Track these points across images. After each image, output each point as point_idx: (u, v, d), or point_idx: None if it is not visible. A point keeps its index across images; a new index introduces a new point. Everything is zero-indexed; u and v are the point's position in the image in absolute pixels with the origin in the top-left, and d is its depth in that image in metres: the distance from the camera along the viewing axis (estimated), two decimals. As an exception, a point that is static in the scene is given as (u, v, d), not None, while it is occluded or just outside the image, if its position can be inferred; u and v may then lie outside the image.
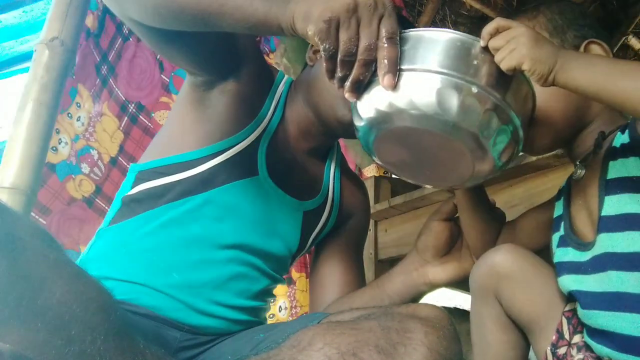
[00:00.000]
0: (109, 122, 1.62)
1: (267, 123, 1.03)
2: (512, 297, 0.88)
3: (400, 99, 0.68)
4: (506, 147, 0.72)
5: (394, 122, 0.71)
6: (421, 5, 2.44)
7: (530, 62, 0.67)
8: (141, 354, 0.67)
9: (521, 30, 0.69)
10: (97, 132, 1.58)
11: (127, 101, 1.68)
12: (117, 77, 1.65)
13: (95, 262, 0.96)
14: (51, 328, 0.59)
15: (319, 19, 0.65)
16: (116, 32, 1.65)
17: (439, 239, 1.08)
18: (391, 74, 0.67)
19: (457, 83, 0.67)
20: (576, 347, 0.84)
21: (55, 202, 1.47)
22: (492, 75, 0.69)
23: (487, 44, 0.69)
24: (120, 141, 1.65)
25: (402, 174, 0.85)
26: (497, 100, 0.69)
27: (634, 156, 0.74)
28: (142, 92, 1.72)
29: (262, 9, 0.70)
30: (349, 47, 0.66)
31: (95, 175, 1.57)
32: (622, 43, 2.41)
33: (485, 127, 0.69)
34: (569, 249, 0.83)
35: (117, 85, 1.65)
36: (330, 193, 1.14)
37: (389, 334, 0.71)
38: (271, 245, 1.03)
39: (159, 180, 0.97)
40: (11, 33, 1.84)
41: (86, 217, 1.52)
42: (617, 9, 2.36)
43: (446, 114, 0.67)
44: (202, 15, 0.75)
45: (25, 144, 1.13)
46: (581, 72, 0.67)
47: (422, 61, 0.68)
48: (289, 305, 2.00)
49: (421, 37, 0.70)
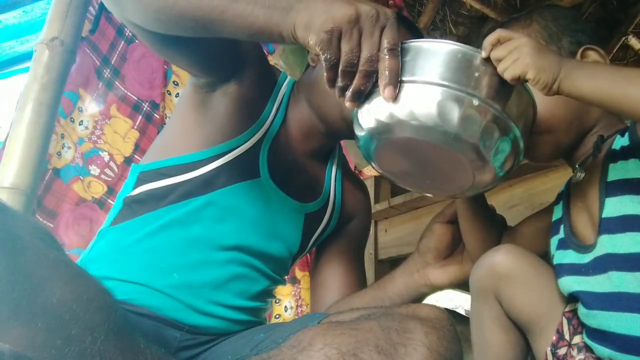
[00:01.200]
0: (120, 124, 1.65)
1: (269, 125, 1.03)
2: (512, 298, 0.88)
3: (400, 110, 0.68)
4: (507, 158, 0.72)
5: (394, 132, 0.71)
6: (421, 5, 2.43)
7: (535, 71, 0.67)
8: (141, 353, 0.67)
9: (524, 41, 0.69)
10: (107, 134, 1.60)
11: (140, 100, 1.70)
12: (124, 79, 1.67)
13: (96, 262, 0.96)
14: (51, 328, 0.59)
15: (321, 29, 0.65)
16: (117, 35, 1.67)
17: (440, 241, 1.08)
18: (392, 86, 0.67)
19: (457, 95, 0.67)
20: (576, 347, 0.84)
21: (62, 204, 1.48)
22: (493, 87, 0.69)
23: (488, 55, 0.69)
24: (135, 140, 1.68)
25: (403, 183, 0.85)
26: (498, 112, 0.68)
27: (634, 158, 0.74)
28: (154, 90, 1.74)
29: (263, 17, 0.70)
30: (351, 58, 0.66)
31: (107, 177, 1.60)
32: (622, 43, 2.41)
33: (486, 139, 0.69)
34: (569, 252, 0.83)
35: (125, 87, 1.67)
36: (331, 195, 1.14)
37: (389, 334, 0.71)
38: (272, 247, 1.03)
39: (161, 181, 0.97)
40: (11, 33, 1.84)
41: (97, 218, 1.54)
42: (617, 9, 2.36)
43: (447, 126, 0.67)
44: (203, 21, 0.74)
45: (25, 144, 1.13)
46: (586, 80, 0.67)
47: (423, 73, 0.68)
48: (294, 305, 2.01)
49: (422, 49, 0.70)
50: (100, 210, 1.55)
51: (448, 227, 1.08)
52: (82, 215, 1.52)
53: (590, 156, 0.83)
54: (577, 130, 0.85)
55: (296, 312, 2.00)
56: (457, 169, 0.73)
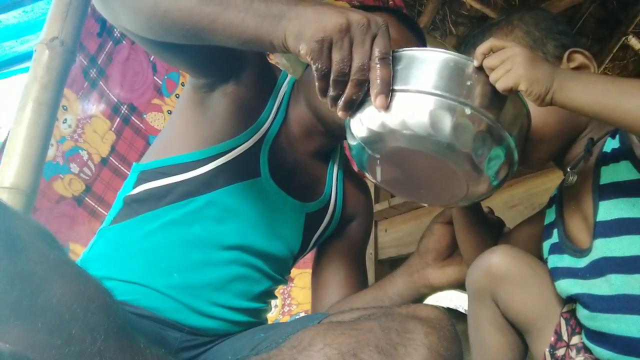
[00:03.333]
0: (100, 124, 1.65)
1: (270, 124, 1.03)
2: (508, 299, 0.88)
3: (392, 119, 0.67)
4: (501, 167, 0.71)
5: (386, 142, 0.70)
6: (421, 5, 2.43)
7: (527, 83, 0.66)
8: (141, 353, 0.67)
9: (517, 50, 0.68)
10: (87, 133, 1.61)
11: (120, 102, 1.70)
12: (107, 79, 1.67)
13: (96, 262, 0.96)
14: (51, 328, 0.59)
15: (311, 39, 0.65)
16: (106, 35, 1.66)
17: (440, 242, 1.08)
18: (383, 95, 0.67)
19: (449, 104, 0.66)
20: (575, 348, 0.84)
21: (42, 200, 1.49)
22: (486, 95, 0.68)
23: (480, 64, 0.68)
24: (112, 142, 1.68)
25: (396, 192, 0.85)
26: (491, 121, 0.67)
27: (625, 160, 0.73)
28: (134, 93, 1.74)
29: (253, 26, 0.69)
30: (342, 68, 0.66)
31: (85, 175, 1.60)
32: (622, 43, 2.41)
33: (479, 148, 0.68)
34: (564, 256, 0.82)
35: (108, 88, 1.67)
36: (332, 195, 1.14)
37: (389, 334, 0.71)
38: (272, 247, 1.03)
39: (161, 180, 0.97)
40: (11, 33, 1.84)
41: (76, 215, 1.55)
42: (617, 9, 2.36)
43: (439, 135, 0.66)
44: (194, 30, 0.74)
45: (25, 144, 1.13)
46: (580, 91, 0.66)
47: (414, 82, 0.68)
48: (280, 304, 2.00)
49: (414, 57, 0.69)
50: (78, 207, 1.56)
51: (448, 227, 1.08)
52: (62, 213, 1.53)
53: (582, 159, 0.82)
54: (569, 136, 0.85)
55: (281, 311, 1.99)
56: (451, 178, 0.72)
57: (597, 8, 2.35)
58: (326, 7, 0.68)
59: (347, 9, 0.68)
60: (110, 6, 0.84)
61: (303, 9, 0.68)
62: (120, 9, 0.82)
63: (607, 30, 2.42)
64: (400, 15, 1.10)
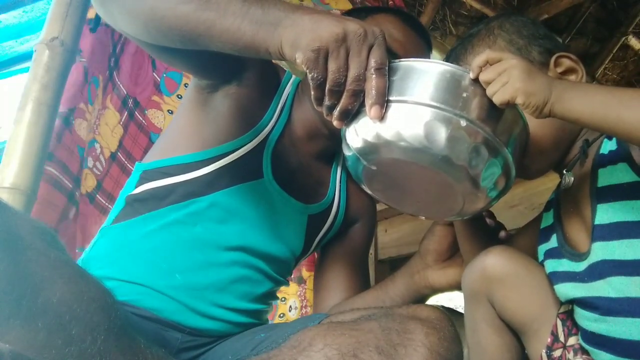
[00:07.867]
0: (111, 116, 1.59)
1: (273, 125, 1.02)
2: (504, 300, 0.87)
3: (387, 130, 0.67)
4: (497, 180, 0.70)
5: (381, 153, 0.69)
6: (421, 5, 2.43)
7: (524, 96, 0.65)
8: (142, 354, 0.67)
9: (513, 63, 0.67)
10: (101, 125, 1.55)
11: (128, 95, 1.65)
12: (119, 70, 1.62)
13: (97, 261, 0.96)
14: (51, 328, 0.59)
15: (307, 48, 0.65)
16: None
17: (441, 243, 1.08)
18: (378, 106, 0.66)
19: (445, 116, 0.65)
20: (572, 349, 0.83)
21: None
22: (482, 108, 0.67)
23: (476, 77, 0.67)
24: (120, 136, 1.62)
25: (392, 204, 0.84)
26: (487, 133, 0.66)
27: (623, 162, 0.73)
28: (137, 87, 1.69)
29: (250, 33, 0.69)
30: (338, 78, 0.66)
31: (97, 170, 1.53)
32: (622, 43, 2.40)
33: (474, 161, 0.67)
34: (562, 260, 0.82)
35: (119, 79, 1.62)
36: (336, 197, 1.13)
37: (390, 335, 0.71)
38: (275, 248, 1.02)
39: (163, 180, 0.97)
40: (11, 33, 1.84)
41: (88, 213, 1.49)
42: (617, 9, 2.36)
43: (434, 147, 0.65)
44: (190, 35, 0.74)
45: (25, 144, 1.13)
46: (579, 103, 0.65)
47: (410, 93, 0.67)
48: (299, 305, 1.98)
49: (410, 68, 0.69)
50: (90, 205, 1.50)
51: (449, 229, 1.07)
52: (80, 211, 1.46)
53: (577, 161, 0.82)
54: (567, 143, 0.84)
55: (300, 313, 1.97)
56: (447, 191, 0.71)
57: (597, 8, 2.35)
58: (323, 16, 0.67)
59: (345, 18, 0.68)
60: (108, 9, 0.84)
61: (300, 16, 0.67)
62: (117, 13, 0.82)
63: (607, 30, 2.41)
64: (405, 15, 1.09)
